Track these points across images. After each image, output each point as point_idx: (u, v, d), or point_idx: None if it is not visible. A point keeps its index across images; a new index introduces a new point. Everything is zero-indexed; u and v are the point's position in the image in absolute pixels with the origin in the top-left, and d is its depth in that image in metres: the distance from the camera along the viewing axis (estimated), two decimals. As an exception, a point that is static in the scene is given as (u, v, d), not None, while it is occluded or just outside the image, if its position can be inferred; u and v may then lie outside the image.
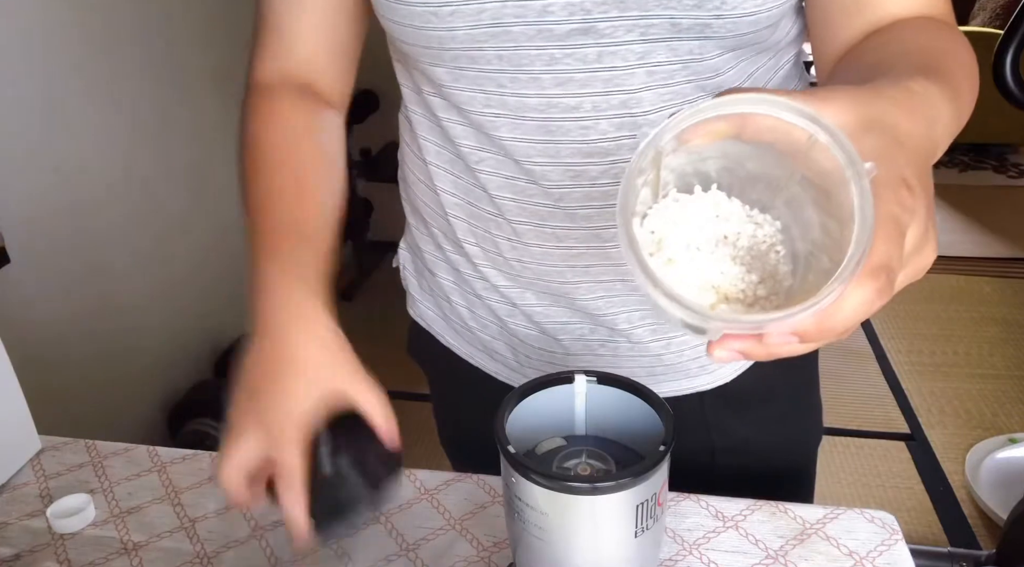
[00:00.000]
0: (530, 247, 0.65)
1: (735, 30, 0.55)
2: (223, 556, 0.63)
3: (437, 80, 0.62)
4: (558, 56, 0.56)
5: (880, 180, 0.34)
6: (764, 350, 0.34)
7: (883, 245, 0.32)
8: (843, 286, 0.31)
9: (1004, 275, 2.77)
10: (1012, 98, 1.59)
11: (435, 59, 0.60)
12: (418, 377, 0.92)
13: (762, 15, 0.55)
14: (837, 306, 0.32)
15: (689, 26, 0.54)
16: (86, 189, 1.70)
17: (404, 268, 0.83)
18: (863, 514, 0.63)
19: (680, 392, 0.73)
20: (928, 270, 0.38)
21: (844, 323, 0.32)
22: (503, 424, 0.50)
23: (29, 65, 1.53)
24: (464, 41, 0.57)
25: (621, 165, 0.60)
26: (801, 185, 0.37)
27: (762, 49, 0.60)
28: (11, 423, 0.72)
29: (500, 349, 0.76)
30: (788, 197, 0.38)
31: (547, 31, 0.55)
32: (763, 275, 0.37)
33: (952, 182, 3.42)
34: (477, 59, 0.58)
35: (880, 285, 0.32)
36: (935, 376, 2.32)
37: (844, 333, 0.34)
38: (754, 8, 0.54)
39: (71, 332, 1.66)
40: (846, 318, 0.32)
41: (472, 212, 0.67)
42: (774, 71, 0.64)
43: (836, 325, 0.32)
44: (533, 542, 0.49)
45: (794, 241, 0.38)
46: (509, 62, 0.57)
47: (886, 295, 0.32)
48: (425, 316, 0.82)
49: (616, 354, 0.70)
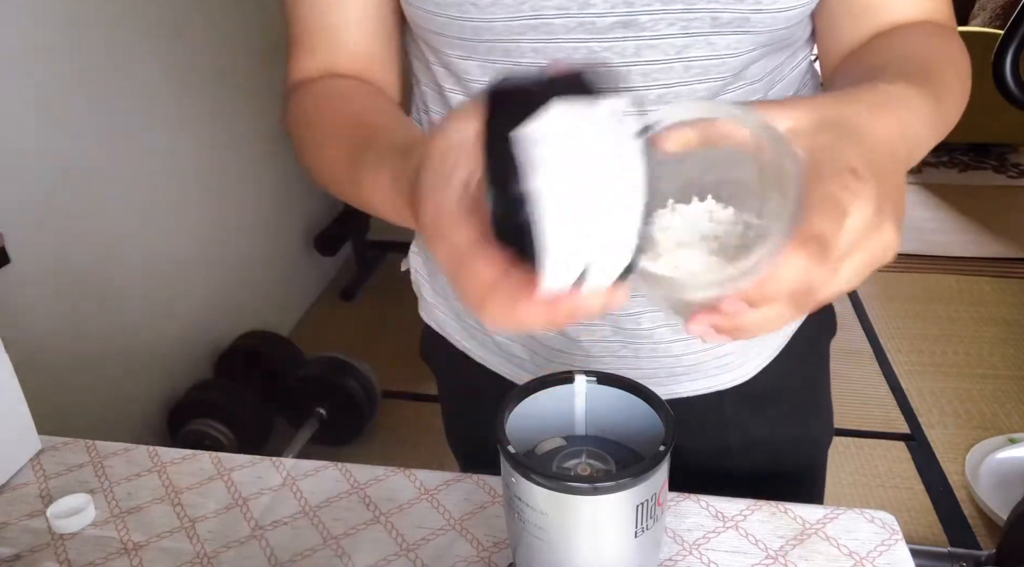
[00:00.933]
0: None
1: (772, 25, 0.56)
2: (223, 556, 0.63)
3: (464, 74, 0.61)
4: (596, 50, 0.56)
5: (824, 166, 0.37)
6: (728, 322, 0.37)
7: (817, 219, 0.36)
8: (771, 253, 0.35)
9: (1004, 275, 2.77)
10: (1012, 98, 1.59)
11: (467, 51, 0.59)
12: (420, 378, 0.92)
13: (795, 11, 0.56)
14: (774, 273, 0.35)
15: (729, 20, 0.54)
16: (86, 189, 1.70)
17: (416, 272, 0.82)
18: (863, 514, 0.63)
19: (699, 392, 0.73)
20: (892, 258, 0.40)
21: (785, 288, 0.35)
22: (503, 424, 0.50)
23: (29, 64, 1.53)
24: (501, 32, 0.56)
25: None
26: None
27: (786, 45, 0.61)
28: (11, 423, 0.72)
29: (518, 351, 0.75)
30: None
31: (588, 24, 0.55)
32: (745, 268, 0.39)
33: (952, 182, 3.42)
34: (511, 52, 0.57)
35: (811, 253, 0.35)
36: (935, 376, 2.32)
37: (797, 302, 0.37)
38: (791, 3, 0.55)
39: (71, 332, 1.66)
40: (786, 283, 0.35)
41: None
42: (792, 68, 0.65)
43: (778, 290, 0.36)
44: (533, 542, 0.49)
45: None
46: (544, 55, 0.57)
47: (821, 265, 0.35)
48: (438, 320, 0.81)
49: (637, 355, 0.70)
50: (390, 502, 0.67)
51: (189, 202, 2.06)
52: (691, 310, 0.38)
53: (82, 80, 1.67)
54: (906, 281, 2.76)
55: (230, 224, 2.25)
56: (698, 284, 0.37)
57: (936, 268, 2.83)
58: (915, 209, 3.23)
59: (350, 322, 2.66)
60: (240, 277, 2.29)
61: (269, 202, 2.49)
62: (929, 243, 2.97)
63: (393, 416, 2.20)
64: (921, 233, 3.05)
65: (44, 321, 1.59)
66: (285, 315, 2.59)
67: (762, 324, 0.38)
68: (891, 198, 0.40)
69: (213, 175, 2.16)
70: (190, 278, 2.07)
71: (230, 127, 2.23)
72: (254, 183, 2.39)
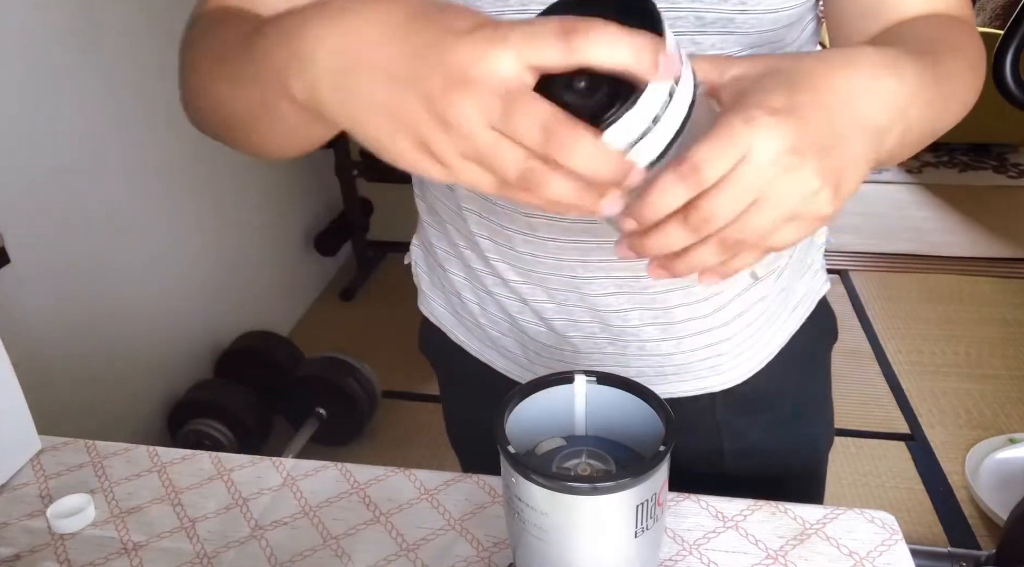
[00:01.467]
0: (544, 241, 0.65)
1: (757, 26, 0.56)
2: (223, 556, 0.63)
3: None
4: None
5: (742, 101, 0.38)
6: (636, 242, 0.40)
7: (703, 146, 0.37)
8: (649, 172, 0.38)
9: (1004, 275, 2.77)
10: (1012, 98, 1.59)
11: None
12: (419, 378, 0.93)
13: (783, 13, 0.56)
14: (651, 191, 0.38)
15: (713, 20, 0.55)
16: (86, 189, 1.70)
17: (416, 265, 0.83)
18: (863, 514, 0.63)
19: (690, 393, 0.73)
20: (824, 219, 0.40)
21: (661, 206, 0.38)
22: (503, 424, 0.50)
23: (28, 64, 1.53)
24: None
25: None
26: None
27: (779, 47, 0.61)
28: (11, 423, 0.72)
29: (510, 346, 0.76)
30: None
31: None
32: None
33: (952, 182, 3.42)
34: None
35: (681, 173, 0.37)
36: (935, 376, 2.32)
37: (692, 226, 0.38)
38: (777, 5, 0.55)
39: (71, 332, 1.66)
40: (661, 202, 0.38)
41: (486, 206, 0.67)
42: None
43: (656, 209, 0.38)
44: (533, 542, 0.49)
45: None
46: None
47: (693, 186, 0.37)
48: (436, 313, 0.82)
49: (625, 353, 0.70)
50: (390, 502, 0.67)
51: (189, 202, 2.06)
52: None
53: (81, 80, 1.67)
54: (906, 281, 2.76)
55: (230, 224, 2.25)
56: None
57: (936, 268, 2.83)
58: (915, 209, 3.23)
59: (350, 322, 2.66)
60: (240, 277, 2.29)
61: (269, 202, 2.49)
62: (929, 243, 2.97)
63: (393, 416, 2.20)
64: (921, 233, 3.05)
65: (44, 321, 1.59)
66: (285, 315, 2.59)
67: (668, 246, 0.39)
68: (827, 152, 0.38)
69: (213, 175, 2.15)
70: (190, 278, 2.07)
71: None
72: (254, 183, 2.39)
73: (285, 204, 2.59)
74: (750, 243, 0.39)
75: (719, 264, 0.41)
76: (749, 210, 0.38)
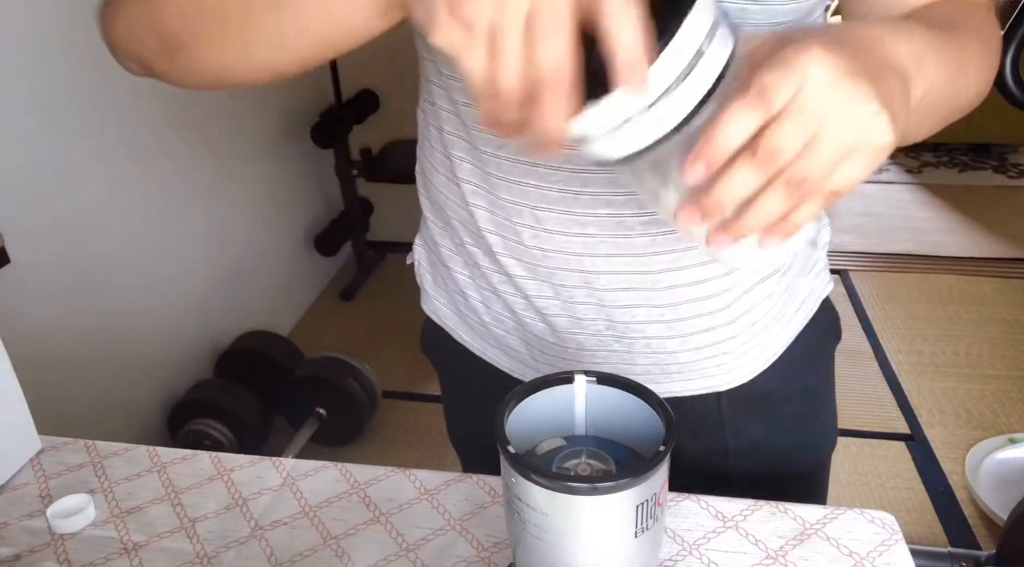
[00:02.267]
0: (552, 235, 0.65)
1: (771, 18, 0.56)
2: (223, 556, 0.63)
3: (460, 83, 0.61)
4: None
5: (787, 41, 0.39)
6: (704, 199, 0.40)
7: (762, 72, 0.38)
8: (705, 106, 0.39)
9: (1004, 275, 2.77)
10: (1012, 98, 1.59)
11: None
12: (420, 378, 0.93)
13: (796, 5, 0.56)
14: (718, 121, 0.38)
15: (727, 11, 0.54)
16: (86, 190, 1.70)
17: (419, 264, 0.83)
18: (863, 514, 0.63)
19: (696, 391, 0.73)
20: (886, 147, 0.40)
21: (733, 136, 0.38)
22: (503, 424, 0.50)
23: (29, 66, 1.53)
24: None
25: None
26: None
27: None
28: (11, 423, 0.72)
29: (514, 344, 0.76)
30: None
31: None
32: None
33: (952, 182, 3.42)
34: None
35: (751, 97, 0.38)
36: (935, 376, 2.32)
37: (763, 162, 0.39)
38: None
39: (71, 332, 1.66)
40: (734, 131, 0.38)
41: (494, 200, 0.67)
42: None
43: (727, 140, 0.38)
44: (533, 542, 0.49)
45: None
46: None
47: (765, 112, 0.38)
48: (439, 312, 0.82)
49: (631, 350, 0.70)
50: (390, 502, 0.67)
51: (189, 202, 2.06)
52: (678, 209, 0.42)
53: (81, 81, 1.67)
54: (906, 281, 2.76)
55: (230, 224, 2.25)
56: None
57: (936, 268, 2.83)
58: (915, 209, 3.23)
59: (350, 322, 2.66)
60: (240, 277, 2.29)
61: (269, 202, 2.49)
62: (929, 243, 2.97)
63: (393, 416, 2.20)
64: (921, 233, 3.05)
65: (44, 321, 1.59)
66: (285, 315, 2.59)
67: (736, 190, 0.39)
68: (880, 78, 0.39)
69: (213, 175, 2.16)
70: (190, 278, 2.07)
71: (230, 127, 2.23)
72: (254, 183, 2.39)
73: (285, 204, 2.59)
74: (814, 182, 0.39)
75: (783, 221, 0.41)
76: (814, 141, 0.38)
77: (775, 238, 0.42)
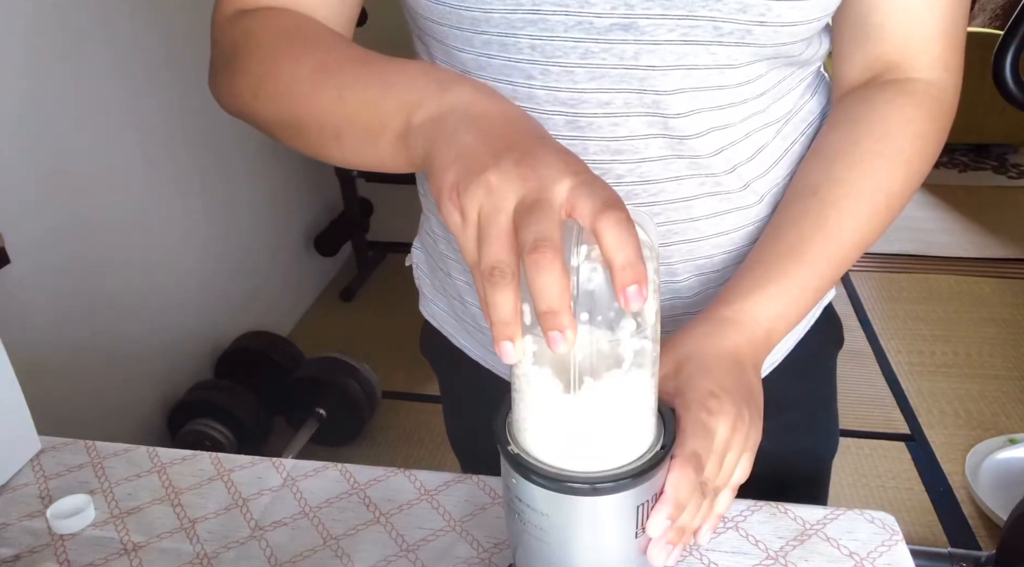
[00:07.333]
0: None
1: (775, 39, 0.55)
2: (223, 556, 0.63)
3: (462, 66, 0.60)
4: (595, 50, 0.55)
5: (688, 396, 0.51)
6: (672, 534, 0.49)
7: (690, 441, 0.48)
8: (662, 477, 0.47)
9: (1004, 275, 2.77)
10: (1012, 98, 1.59)
11: (463, 43, 0.58)
12: (419, 378, 0.92)
13: (802, 27, 0.56)
14: (671, 487, 0.47)
15: (731, 31, 0.54)
16: (86, 190, 1.70)
17: (417, 267, 0.82)
18: (863, 515, 0.63)
19: None
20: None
21: (685, 495, 0.47)
22: (503, 424, 0.50)
23: (30, 64, 1.53)
24: (498, 25, 0.56)
25: (647, 164, 0.60)
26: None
27: (794, 62, 0.61)
28: (11, 423, 0.72)
29: None
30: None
31: (587, 23, 0.54)
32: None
33: (952, 182, 3.42)
34: (509, 47, 0.57)
35: (694, 466, 0.48)
36: (935, 376, 2.32)
37: (705, 494, 0.50)
38: (797, 18, 0.55)
39: (71, 332, 1.66)
40: (684, 491, 0.47)
41: None
42: (799, 80, 0.65)
43: (680, 499, 0.47)
44: (533, 543, 0.49)
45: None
46: (542, 53, 0.56)
47: (702, 471, 0.49)
48: (437, 316, 0.82)
49: None
50: (390, 503, 0.67)
51: (189, 202, 2.06)
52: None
53: (81, 80, 1.67)
54: (906, 281, 2.76)
55: (230, 224, 2.25)
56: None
57: (936, 268, 2.83)
58: (915, 209, 3.23)
59: (350, 322, 2.66)
60: (240, 277, 2.29)
61: (269, 202, 2.49)
62: (929, 243, 2.97)
63: (393, 416, 2.20)
64: (921, 233, 3.05)
65: (44, 321, 1.59)
66: (285, 315, 2.59)
67: (688, 519, 0.49)
68: (746, 400, 0.53)
69: (213, 175, 2.16)
70: (190, 278, 2.07)
71: (230, 126, 2.23)
72: (254, 183, 2.39)
73: (285, 204, 2.59)
74: (728, 486, 0.54)
75: (706, 518, 0.52)
76: (726, 465, 0.52)
77: (703, 536, 0.53)
